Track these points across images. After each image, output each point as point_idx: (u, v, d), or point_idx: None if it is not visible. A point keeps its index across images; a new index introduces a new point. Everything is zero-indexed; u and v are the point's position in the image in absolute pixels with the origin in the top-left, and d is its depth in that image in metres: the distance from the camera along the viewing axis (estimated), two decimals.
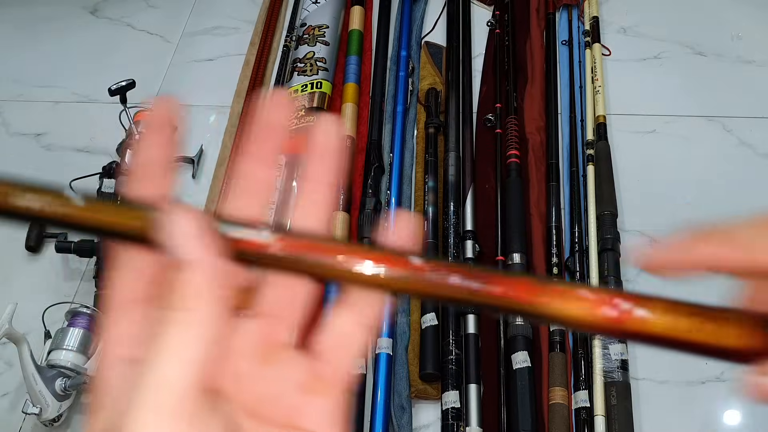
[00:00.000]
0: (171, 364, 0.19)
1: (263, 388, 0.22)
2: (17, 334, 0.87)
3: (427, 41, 1.32)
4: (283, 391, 0.22)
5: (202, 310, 0.20)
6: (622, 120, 1.19)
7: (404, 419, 0.89)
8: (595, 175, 1.07)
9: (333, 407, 0.22)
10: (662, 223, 1.07)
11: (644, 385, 0.92)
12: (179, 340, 0.20)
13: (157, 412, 0.19)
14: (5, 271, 1.12)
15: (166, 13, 1.47)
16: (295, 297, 0.23)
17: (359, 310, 0.23)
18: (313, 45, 1.29)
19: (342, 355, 0.23)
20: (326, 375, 0.23)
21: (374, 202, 1.06)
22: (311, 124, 0.24)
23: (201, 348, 0.20)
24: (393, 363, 0.92)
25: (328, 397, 0.23)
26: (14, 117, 1.33)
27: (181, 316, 0.20)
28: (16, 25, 1.49)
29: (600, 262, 0.98)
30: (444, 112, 1.19)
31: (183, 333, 0.20)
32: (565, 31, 1.29)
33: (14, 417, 0.95)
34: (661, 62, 1.28)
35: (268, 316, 0.23)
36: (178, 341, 0.20)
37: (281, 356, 0.23)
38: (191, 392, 0.20)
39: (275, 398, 0.22)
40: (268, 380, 0.22)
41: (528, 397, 0.88)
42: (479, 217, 1.07)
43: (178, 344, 0.20)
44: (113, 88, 1.08)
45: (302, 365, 0.23)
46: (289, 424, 0.22)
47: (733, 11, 1.33)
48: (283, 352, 0.23)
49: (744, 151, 1.14)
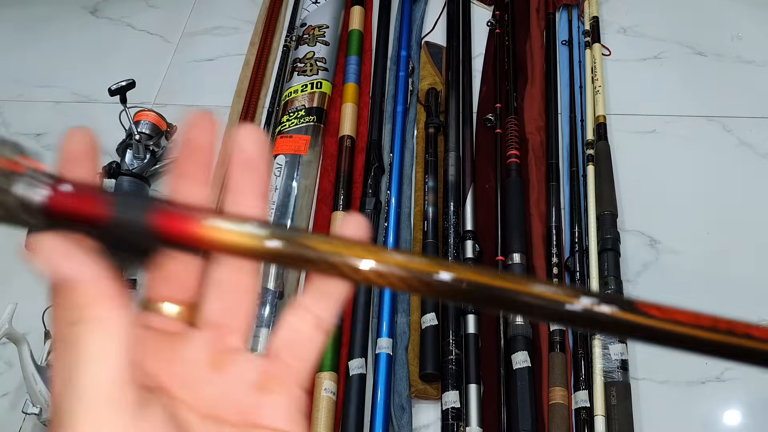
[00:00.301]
0: (93, 365, 0.20)
1: (216, 391, 0.23)
2: (17, 334, 0.87)
3: (427, 41, 1.32)
4: (236, 391, 0.23)
5: (102, 315, 0.21)
6: (622, 120, 1.19)
7: (404, 419, 0.89)
8: (595, 175, 1.07)
9: (289, 404, 0.23)
10: (662, 223, 1.07)
11: (644, 385, 0.92)
12: (93, 344, 0.21)
13: (93, 410, 0.20)
14: (5, 271, 1.12)
15: (166, 13, 1.47)
16: (241, 305, 0.24)
17: (313, 309, 0.24)
18: (313, 45, 1.29)
19: (296, 354, 0.24)
20: (280, 373, 0.24)
21: (374, 202, 1.06)
22: (233, 134, 0.24)
23: (117, 346, 0.21)
24: (393, 363, 0.92)
25: (283, 395, 0.23)
26: (14, 117, 1.33)
27: (85, 326, 0.21)
28: (16, 25, 1.49)
29: (600, 262, 0.98)
30: (444, 112, 1.19)
31: (94, 337, 0.21)
32: (565, 31, 1.29)
33: (14, 417, 0.95)
34: (661, 62, 1.28)
35: (216, 325, 0.24)
36: (92, 345, 0.21)
37: (233, 360, 0.24)
38: (124, 387, 0.21)
39: (229, 399, 0.23)
40: (220, 384, 0.23)
41: (528, 397, 0.88)
42: (479, 217, 1.07)
43: (94, 347, 0.21)
44: (113, 88, 1.08)
45: (255, 366, 0.24)
46: (247, 422, 0.23)
47: (733, 11, 1.33)
48: (235, 355, 0.24)
49: (744, 151, 1.14)
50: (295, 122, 1.18)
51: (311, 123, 1.17)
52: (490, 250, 1.03)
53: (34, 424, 0.94)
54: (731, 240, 1.04)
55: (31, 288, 1.07)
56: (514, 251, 1.00)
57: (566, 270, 1.00)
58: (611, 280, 0.96)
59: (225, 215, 0.22)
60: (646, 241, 1.05)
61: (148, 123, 1.16)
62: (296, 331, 0.24)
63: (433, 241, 1.04)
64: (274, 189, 1.10)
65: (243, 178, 0.24)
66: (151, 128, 1.16)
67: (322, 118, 1.19)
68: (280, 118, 1.20)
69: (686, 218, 1.07)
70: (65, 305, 0.21)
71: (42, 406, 0.88)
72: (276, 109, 1.23)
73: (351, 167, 1.13)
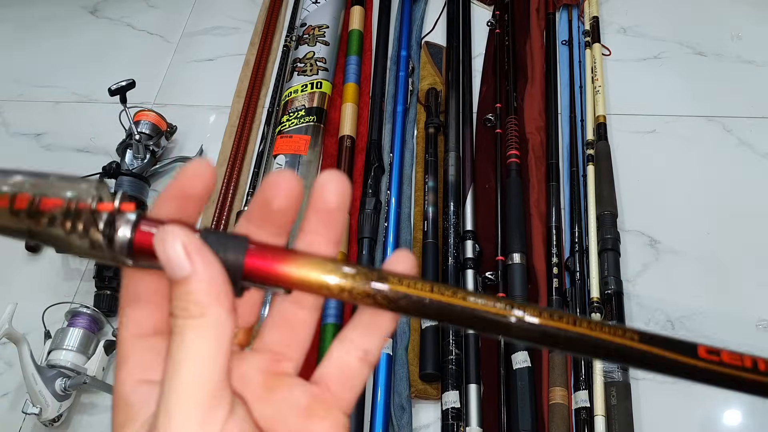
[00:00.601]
0: (197, 362, 0.22)
1: (270, 411, 0.24)
2: (17, 334, 0.87)
3: (427, 41, 1.32)
4: (287, 413, 0.25)
5: (211, 315, 0.22)
6: (623, 120, 1.19)
7: (404, 419, 0.89)
8: (595, 175, 1.07)
9: (336, 428, 0.25)
10: (662, 223, 1.07)
11: (644, 385, 0.92)
12: (199, 342, 0.22)
13: (191, 407, 0.21)
14: (5, 271, 1.12)
15: (166, 13, 1.47)
16: (299, 337, 0.26)
17: (359, 343, 0.25)
18: (313, 45, 1.29)
19: (343, 385, 0.25)
20: (327, 400, 0.25)
21: (374, 202, 1.06)
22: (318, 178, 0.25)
23: (220, 347, 0.22)
24: (393, 363, 0.92)
25: (329, 420, 0.25)
26: (14, 117, 1.33)
27: (192, 323, 0.22)
28: (16, 25, 1.49)
29: (600, 262, 0.98)
30: (444, 112, 1.19)
31: (200, 335, 0.22)
32: (565, 31, 1.29)
33: (14, 417, 0.95)
34: (661, 62, 1.28)
35: (273, 352, 0.26)
36: (197, 343, 0.22)
37: (285, 383, 0.25)
38: (222, 388, 0.22)
39: (281, 419, 0.24)
40: (273, 404, 0.25)
41: (528, 397, 0.88)
42: (479, 217, 1.07)
43: (199, 345, 0.22)
44: (113, 88, 1.08)
45: (305, 392, 0.25)
46: None
47: (733, 11, 1.33)
48: (287, 380, 0.25)
49: (744, 151, 1.14)
50: (295, 122, 1.18)
51: (311, 123, 1.17)
52: (490, 250, 1.03)
53: (34, 424, 0.94)
54: (731, 240, 1.04)
55: (31, 288, 1.08)
56: (514, 251, 1.00)
57: (566, 270, 1.00)
58: (611, 280, 0.96)
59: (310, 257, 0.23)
60: (646, 241, 1.05)
61: (148, 123, 1.16)
62: (344, 365, 0.25)
63: (433, 241, 1.03)
64: None
65: (320, 226, 0.25)
66: (151, 128, 1.16)
67: (322, 118, 1.19)
68: (280, 118, 1.20)
69: (686, 218, 1.07)
70: (179, 295, 0.22)
71: (42, 406, 0.88)
72: (276, 109, 1.23)
73: (351, 167, 1.13)
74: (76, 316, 0.97)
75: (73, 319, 0.97)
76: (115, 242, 0.23)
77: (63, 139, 1.28)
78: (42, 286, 1.08)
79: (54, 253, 1.05)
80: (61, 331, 0.95)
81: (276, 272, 0.23)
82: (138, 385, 0.24)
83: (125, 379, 0.24)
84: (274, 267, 0.23)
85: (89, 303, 1.00)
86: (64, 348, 0.93)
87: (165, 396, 0.22)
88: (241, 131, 1.21)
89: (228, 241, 0.23)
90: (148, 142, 1.15)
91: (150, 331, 0.25)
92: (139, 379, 0.24)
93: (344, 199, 0.24)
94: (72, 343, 0.94)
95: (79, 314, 0.97)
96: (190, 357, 0.22)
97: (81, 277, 1.08)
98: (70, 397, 0.92)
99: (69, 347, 0.93)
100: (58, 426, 0.93)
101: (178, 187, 0.24)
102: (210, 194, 0.24)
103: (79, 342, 0.94)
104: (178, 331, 0.22)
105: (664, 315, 0.97)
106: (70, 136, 1.28)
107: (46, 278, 1.09)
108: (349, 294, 0.23)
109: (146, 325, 0.25)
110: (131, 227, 0.23)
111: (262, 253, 0.23)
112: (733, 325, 0.95)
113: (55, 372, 0.91)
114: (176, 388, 0.22)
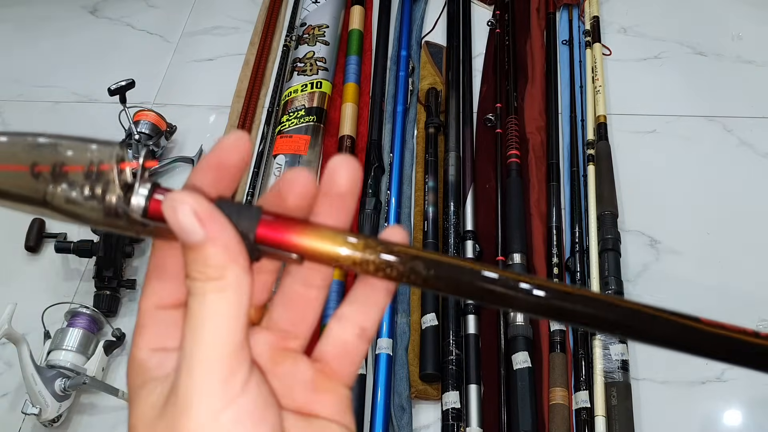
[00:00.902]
0: (219, 322, 0.22)
1: (277, 383, 0.25)
2: (17, 334, 0.87)
3: (427, 41, 1.32)
4: (295, 386, 0.25)
5: (230, 276, 0.22)
6: (623, 120, 1.19)
7: (404, 420, 0.88)
8: (595, 175, 1.07)
9: (339, 401, 0.26)
10: (662, 223, 1.06)
11: (645, 385, 0.92)
12: (219, 303, 0.22)
13: (213, 366, 0.21)
14: (5, 271, 1.11)
15: (165, 13, 1.47)
16: (307, 315, 0.26)
17: (356, 319, 0.26)
18: (313, 45, 1.29)
19: (343, 362, 0.26)
20: (330, 375, 0.26)
21: (374, 202, 1.06)
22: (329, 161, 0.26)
23: (240, 306, 0.22)
24: (393, 363, 0.92)
25: (334, 393, 0.26)
26: (14, 117, 1.33)
27: (211, 285, 0.22)
28: (16, 25, 1.49)
29: (600, 262, 0.98)
30: (444, 112, 1.19)
31: (220, 297, 0.22)
32: (566, 30, 1.29)
33: (14, 417, 0.95)
34: (662, 62, 1.28)
35: (281, 330, 0.26)
36: (218, 304, 0.22)
37: (291, 358, 0.26)
38: (242, 348, 0.22)
39: (289, 392, 0.25)
40: (279, 378, 0.25)
41: (528, 398, 0.87)
42: (479, 217, 1.06)
43: (219, 305, 0.22)
44: (113, 88, 1.08)
45: (309, 367, 0.26)
46: (306, 412, 0.25)
47: (733, 11, 1.33)
48: (292, 355, 0.26)
49: (744, 151, 1.14)
50: (295, 122, 1.18)
51: (311, 123, 1.17)
52: (490, 250, 1.03)
53: (34, 425, 0.93)
54: (731, 240, 1.04)
55: (31, 288, 1.08)
56: (514, 251, 1.00)
57: (566, 270, 1.00)
58: (612, 280, 0.96)
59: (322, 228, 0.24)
60: (647, 241, 1.05)
61: (148, 123, 1.16)
62: (343, 341, 0.26)
63: (433, 241, 1.03)
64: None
65: (331, 210, 0.25)
66: (151, 128, 1.16)
67: (322, 118, 1.19)
68: (279, 118, 1.20)
69: (686, 218, 1.07)
70: (195, 259, 0.22)
71: (41, 407, 0.88)
72: (276, 108, 1.23)
73: None
74: (75, 317, 0.97)
75: (72, 319, 0.97)
76: (131, 207, 0.23)
77: None
78: (41, 286, 1.08)
79: (54, 254, 1.06)
80: (61, 331, 0.95)
81: (289, 241, 0.23)
82: (153, 353, 0.25)
83: (142, 346, 0.25)
84: (287, 236, 0.23)
85: (89, 303, 1.00)
86: (63, 348, 0.93)
87: (186, 356, 0.22)
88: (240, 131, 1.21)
89: (242, 209, 0.23)
90: (147, 141, 1.14)
91: (171, 302, 0.25)
92: (155, 347, 0.25)
93: (355, 183, 0.24)
94: (71, 344, 0.94)
95: (78, 314, 0.97)
96: (211, 317, 0.22)
97: (81, 277, 1.08)
98: (69, 397, 0.91)
99: (68, 347, 0.93)
100: (58, 426, 0.93)
101: (215, 157, 0.24)
102: (246, 166, 0.25)
103: (78, 342, 0.94)
104: (197, 292, 0.22)
105: None
106: None
107: (46, 278, 1.09)
108: (361, 265, 0.23)
109: (168, 297, 0.25)
110: (147, 193, 0.23)
111: (275, 222, 0.23)
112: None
113: (55, 372, 0.91)
114: (198, 348, 0.22)
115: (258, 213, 0.23)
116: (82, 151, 0.23)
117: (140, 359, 0.25)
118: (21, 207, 0.23)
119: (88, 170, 0.23)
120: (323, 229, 0.23)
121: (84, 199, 0.23)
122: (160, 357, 0.25)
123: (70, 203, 0.23)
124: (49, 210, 0.23)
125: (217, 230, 0.22)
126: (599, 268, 0.97)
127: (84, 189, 0.23)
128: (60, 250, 1.04)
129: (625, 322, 0.23)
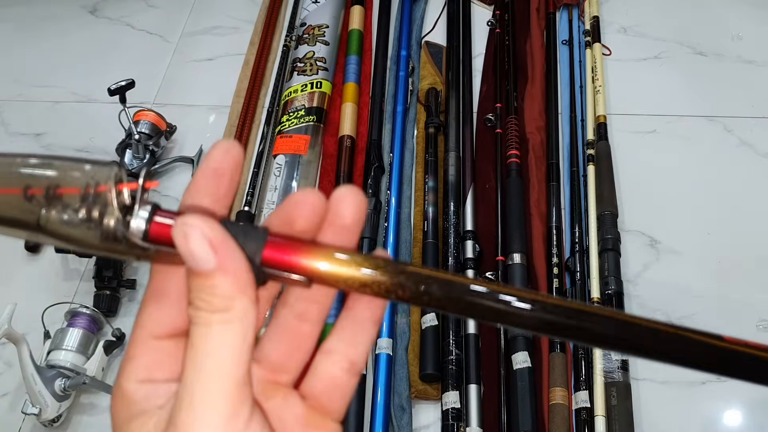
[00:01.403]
0: (223, 355, 0.21)
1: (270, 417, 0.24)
2: (17, 334, 0.87)
3: (427, 41, 1.32)
4: (286, 422, 0.24)
5: (237, 308, 0.21)
6: (623, 120, 1.19)
7: (404, 420, 0.88)
8: (595, 175, 1.07)
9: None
10: (662, 223, 1.06)
11: (645, 385, 0.92)
12: (224, 335, 0.21)
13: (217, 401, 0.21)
14: (5, 271, 1.11)
15: (165, 13, 1.47)
16: (300, 349, 0.25)
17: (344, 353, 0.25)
18: (313, 45, 1.29)
19: (332, 397, 0.25)
20: (321, 410, 0.25)
21: (374, 202, 1.06)
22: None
23: (245, 339, 0.21)
24: (393, 363, 0.92)
25: (326, 430, 0.25)
26: (14, 117, 1.33)
27: (218, 316, 0.21)
28: (16, 25, 1.49)
29: (600, 262, 0.98)
30: (444, 112, 1.19)
31: (225, 329, 0.21)
32: (566, 30, 1.29)
33: (14, 417, 0.95)
34: (662, 62, 1.27)
35: (271, 363, 0.25)
36: (223, 335, 0.21)
37: (280, 394, 0.25)
38: (246, 383, 0.22)
39: (281, 428, 0.24)
40: (271, 412, 0.24)
41: (528, 398, 0.87)
42: (479, 217, 1.06)
43: (224, 337, 0.21)
44: (113, 88, 1.08)
45: (299, 402, 0.25)
46: None
47: (733, 11, 1.33)
48: (282, 390, 0.25)
49: (745, 151, 1.14)
50: (294, 122, 1.18)
51: (311, 123, 1.17)
52: (490, 250, 1.03)
53: (34, 425, 0.93)
54: (731, 240, 1.04)
55: (31, 288, 1.08)
56: (514, 251, 1.00)
57: (566, 270, 1.00)
58: (611, 280, 0.96)
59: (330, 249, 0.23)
60: (647, 241, 1.05)
61: (148, 123, 1.16)
62: (331, 377, 0.25)
63: (433, 241, 1.03)
64: (274, 189, 1.10)
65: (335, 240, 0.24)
66: (151, 128, 1.16)
67: (321, 117, 1.19)
68: (279, 118, 1.20)
69: (686, 218, 1.07)
70: (202, 287, 0.21)
71: (41, 407, 0.88)
72: (276, 108, 1.23)
73: (351, 167, 1.13)
74: (75, 317, 0.97)
75: (72, 319, 0.97)
76: (131, 230, 0.22)
77: (62, 139, 1.28)
78: (41, 286, 1.08)
79: (54, 254, 1.06)
80: (61, 331, 0.95)
81: (298, 263, 0.22)
82: (141, 384, 0.24)
83: (131, 378, 0.24)
84: (296, 257, 0.22)
85: (89, 303, 1.00)
86: (63, 348, 0.93)
87: (188, 389, 0.21)
88: (240, 131, 1.21)
89: (248, 230, 0.22)
90: (147, 141, 1.14)
91: (167, 332, 0.24)
92: (144, 378, 0.24)
93: (360, 216, 0.24)
94: (71, 344, 0.94)
95: (78, 314, 0.97)
96: (216, 349, 0.21)
97: (80, 277, 1.08)
98: (69, 397, 0.91)
99: (68, 347, 0.93)
100: (58, 426, 0.93)
101: (209, 166, 0.23)
102: (240, 172, 0.24)
103: (78, 342, 0.94)
104: (202, 322, 0.21)
105: (664, 315, 0.97)
106: (70, 136, 1.28)
107: (46, 278, 1.09)
108: (372, 287, 0.22)
109: (166, 325, 0.24)
110: (147, 216, 0.22)
111: (283, 244, 0.22)
112: (733, 325, 0.95)
113: (55, 372, 0.91)
114: (201, 381, 0.21)
115: (264, 234, 0.22)
116: (77, 171, 0.22)
117: (128, 391, 0.24)
118: (14, 232, 0.22)
119: (85, 192, 0.22)
120: (334, 250, 0.22)
121: (80, 222, 0.21)
122: (148, 389, 0.24)
123: (65, 227, 0.22)
124: (43, 235, 0.22)
125: (228, 258, 0.21)
126: (599, 268, 0.97)
127: (80, 212, 0.21)
128: (60, 250, 1.04)
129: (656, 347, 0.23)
